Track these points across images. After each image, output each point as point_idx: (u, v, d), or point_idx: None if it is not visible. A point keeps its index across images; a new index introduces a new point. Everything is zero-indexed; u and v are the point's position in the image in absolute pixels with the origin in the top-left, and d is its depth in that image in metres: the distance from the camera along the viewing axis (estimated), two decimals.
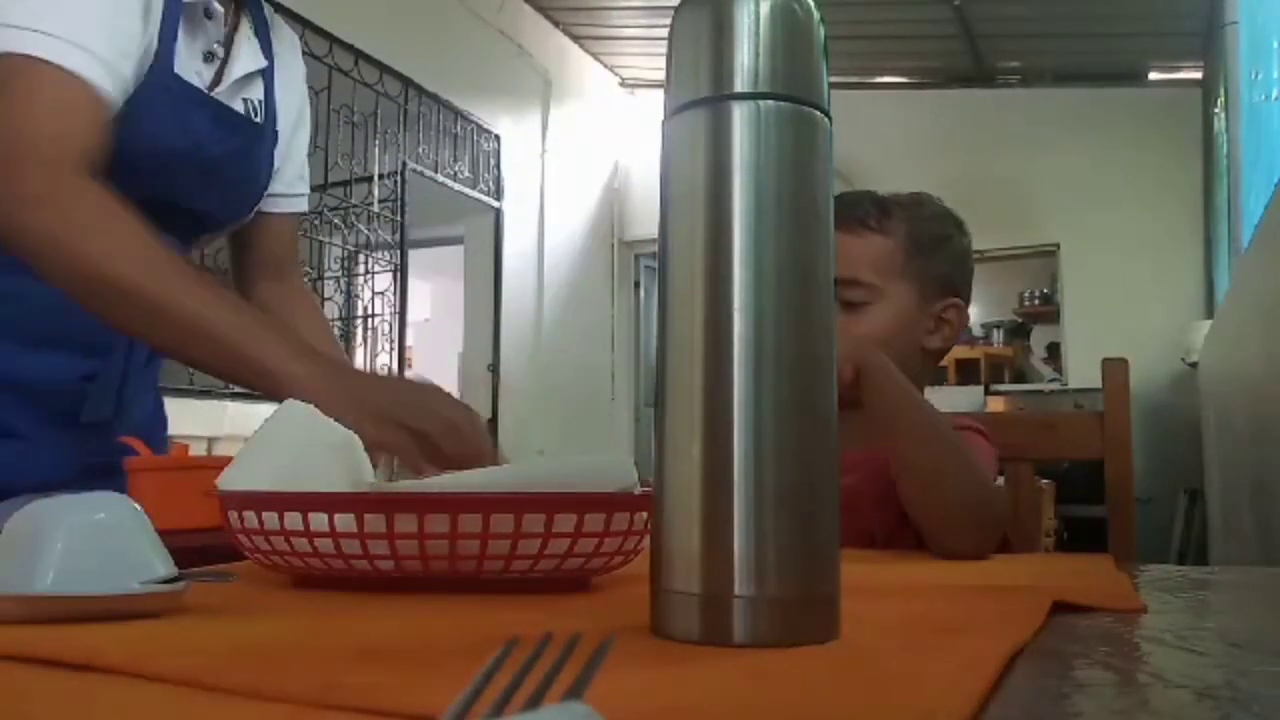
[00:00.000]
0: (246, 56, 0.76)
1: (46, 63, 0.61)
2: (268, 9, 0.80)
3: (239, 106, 0.76)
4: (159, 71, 0.68)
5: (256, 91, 0.78)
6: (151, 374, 0.82)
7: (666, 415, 0.33)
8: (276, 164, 0.81)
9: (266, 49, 0.78)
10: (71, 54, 0.62)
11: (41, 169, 0.61)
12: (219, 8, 0.73)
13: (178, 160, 0.70)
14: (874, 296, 0.77)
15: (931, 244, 0.81)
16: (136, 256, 0.61)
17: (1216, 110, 3.14)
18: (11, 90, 0.62)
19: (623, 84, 4.38)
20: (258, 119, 0.78)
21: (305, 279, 2.75)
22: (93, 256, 0.60)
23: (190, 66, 0.71)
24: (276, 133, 0.80)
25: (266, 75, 0.79)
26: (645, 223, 4.10)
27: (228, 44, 0.75)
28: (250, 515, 0.42)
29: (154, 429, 0.83)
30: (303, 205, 0.87)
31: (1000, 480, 0.83)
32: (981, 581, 0.46)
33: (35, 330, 0.70)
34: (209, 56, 0.73)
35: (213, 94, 0.73)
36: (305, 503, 0.40)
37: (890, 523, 0.71)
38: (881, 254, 0.79)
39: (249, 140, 0.77)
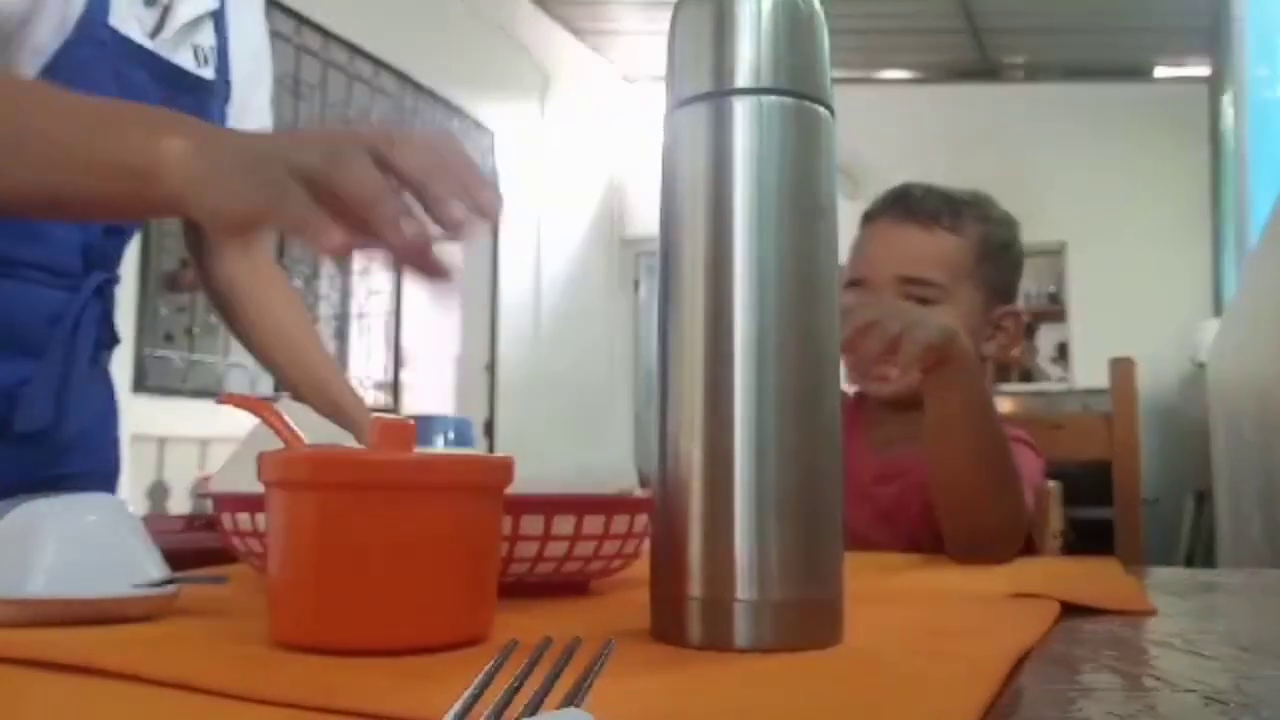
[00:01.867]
0: (192, 1, 0.67)
1: None
2: None
3: (186, 56, 0.68)
4: (91, 24, 0.60)
5: (207, 37, 0.69)
6: (98, 373, 0.72)
7: (667, 416, 0.33)
8: (231, 123, 0.71)
9: None
10: None
11: None
12: None
13: None
14: (942, 296, 0.74)
15: (1000, 249, 0.79)
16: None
17: (1224, 107, 3.12)
18: None
19: (623, 78, 4.37)
20: (207, 69, 0.69)
21: (299, 277, 2.72)
22: None
23: (129, 11, 0.63)
24: (229, 85, 0.71)
25: (218, 18, 0.70)
26: (645, 220, 4.09)
27: None
28: (244, 517, 0.41)
29: (104, 430, 0.73)
30: None
31: (1050, 485, 0.80)
32: (988, 585, 0.46)
33: None
34: (150, 1, 0.64)
35: (155, 41, 0.65)
36: None
37: (935, 534, 0.67)
38: (954, 254, 0.76)
39: (198, 99, 0.67)
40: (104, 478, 0.73)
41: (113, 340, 0.73)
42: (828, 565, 0.32)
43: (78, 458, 0.69)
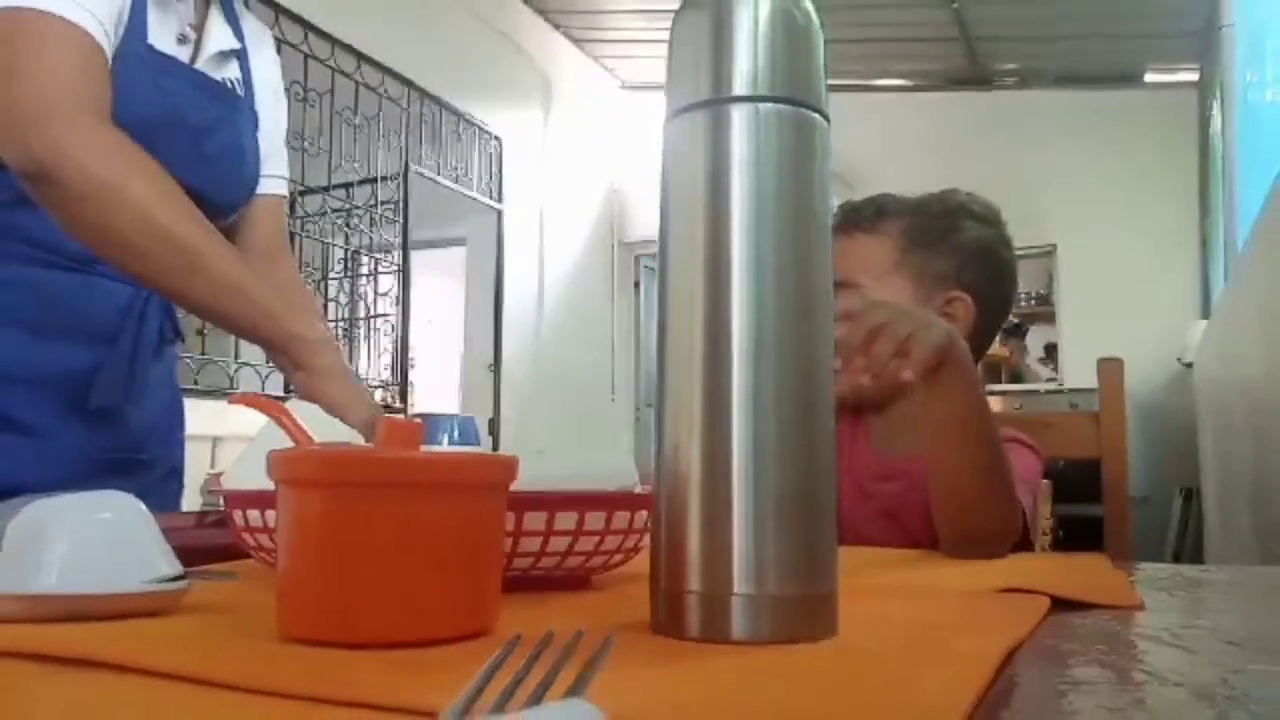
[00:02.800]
0: (219, 37, 0.76)
1: (54, 16, 0.60)
2: (237, 4, 0.79)
3: (218, 80, 0.76)
4: (133, 41, 0.67)
5: (233, 71, 0.77)
6: (165, 369, 0.81)
7: (666, 415, 0.33)
8: (263, 149, 0.80)
9: (238, 35, 0.78)
10: (76, 10, 0.61)
11: (78, 120, 0.59)
12: None
13: (160, 129, 0.67)
14: (867, 295, 0.76)
15: (931, 238, 0.80)
16: (181, 207, 0.60)
17: (1213, 112, 3.15)
18: (25, 45, 0.60)
19: (623, 86, 4.38)
20: (239, 93, 0.78)
21: (310, 280, 2.76)
22: (141, 203, 0.58)
23: (164, 46, 0.71)
24: (256, 114, 0.79)
25: (241, 57, 0.78)
26: (645, 224, 4.10)
27: (199, 27, 0.75)
28: (254, 514, 0.42)
29: (171, 425, 0.82)
30: (284, 187, 0.85)
31: (1045, 484, 0.81)
32: (980, 580, 0.47)
33: (42, 319, 0.69)
34: (182, 39, 0.73)
35: (193, 66, 0.73)
36: None
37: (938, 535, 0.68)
38: (871, 254, 0.79)
39: (230, 110, 0.76)
40: (173, 470, 0.81)
41: (176, 332, 0.80)
42: (823, 561, 0.32)
43: (152, 445, 0.77)
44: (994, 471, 0.62)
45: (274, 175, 0.83)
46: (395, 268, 3.03)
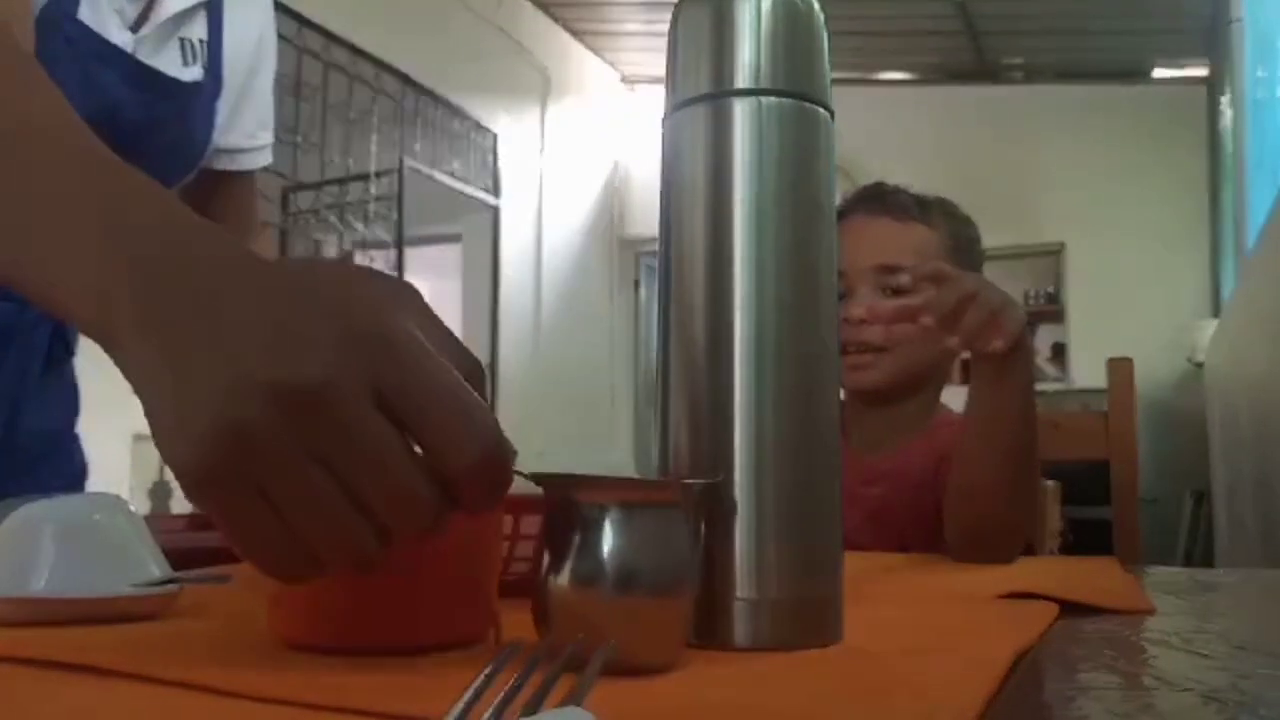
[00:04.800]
0: None
1: None
2: None
3: (171, 54, 0.61)
4: (56, 17, 0.53)
5: (198, 29, 0.62)
6: (53, 383, 0.67)
7: (667, 415, 0.33)
8: (224, 113, 0.65)
9: None
10: None
11: None
12: None
13: (91, 126, 0.46)
14: (919, 286, 0.76)
15: (967, 243, 0.80)
16: None
17: (1222, 108, 3.13)
18: None
19: (623, 80, 4.37)
20: (194, 67, 0.62)
21: None
22: None
23: (100, 14, 0.56)
24: (220, 80, 0.64)
25: (212, 8, 0.63)
26: (645, 221, 4.10)
27: None
28: None
29: (68, 442, 0.69)
30: (266, 158, 0.71)
31: (1049, 485, 0.81)
32: (987, 585, 0.46)
33: None
34: (121, 9, 0.58)
35: (136, 36, 0.59)
36: None
37: (925, 535, 0.68)
38: (927, 244, 0.78)
39: (178, 103, 0.62)
40: (73, 480, 0.69)
41: (66, 353, 0.68)
42: (827, 564, 0.32)
43: (47, 470, 0.65)
44: (1030, 471, 0.61)
45: (255, 147, 0.69)
46: (389, 265, 3.04)
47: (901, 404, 0.78)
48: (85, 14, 0.55)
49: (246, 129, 0.69)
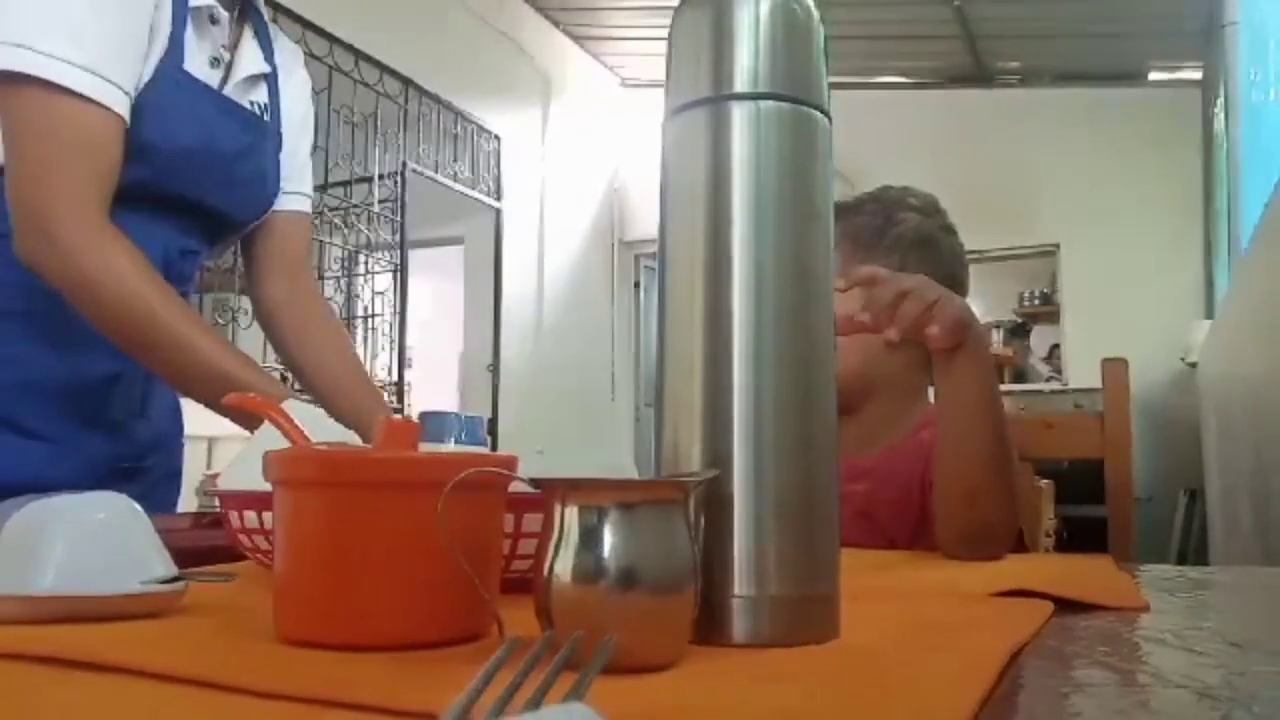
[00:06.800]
0: (250, 61, 0.79)
1: (69, 92, 0.63)
2: (271, 26, 0.83)
3: (246, 105, 0.79)
4: (170, 68, 0.70)
5: (261, 95, 0.80)
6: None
7: (666, 415, 0.33)
8: (284, 166, 0.83)
9: (269, 57, 0.81)
10: (95, 85, 0.64)
11: (74, 216, 0.64)
12: (224, 13, 0.76)
13: (195, 156, 0.73)
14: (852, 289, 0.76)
15: (870, 237, 0.80)
16: (169, 300, 0.67)
17: (1216, 110, 3.14)
18: (36, 125, 0.64)
19: (623, 84, 4.38)
20: (266, 118, 0.81)
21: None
22: (131, 300, 0.65)
23: (198, 71, 0.74)
24: (281, 135, 0.82)
25: (270, 80, 0.81)
26: (645, 223, 4.10)
27: (232, 48, 0.78)
28: (250, 515, 0.42)
29: (173, 431, 0.84)
30: (307, 205, 0.89)
31: (1043, 483, 0.81)
32: (983, 582, 0.46)
33: (64, 332, 0.71)
34: (215, 62, 0.76)
35: (224, 90, 0.76)
36: None
37: (911, 530, 0.68)
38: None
39: (258, 138, 0.79)
40: (172, 475, 0.83)
41: None
42: (824, 562, 0.32)
43: (155, 453, 0.79)
44: (1002, 462, 0.62)
45: (298, 192, 0.86)
46: (392, 267, 3.04)
47: (864, 411, 0.78)
48: (190, 66, 0.72)
49: (293, 178, 0.86)
